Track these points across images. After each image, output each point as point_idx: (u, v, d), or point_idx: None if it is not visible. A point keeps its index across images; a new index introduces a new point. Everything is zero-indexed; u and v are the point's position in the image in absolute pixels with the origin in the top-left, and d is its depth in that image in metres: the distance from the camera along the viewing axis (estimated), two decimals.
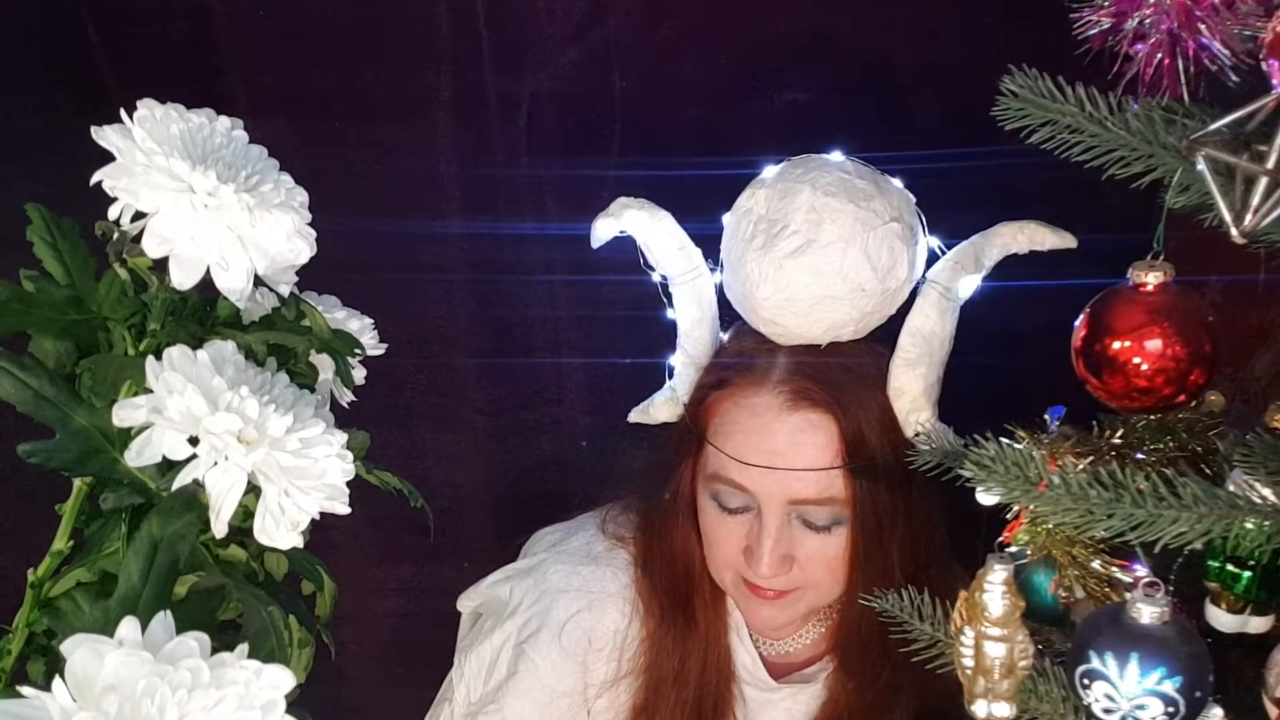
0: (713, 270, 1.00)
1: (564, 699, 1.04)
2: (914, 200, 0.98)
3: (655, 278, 0.99)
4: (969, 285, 0.95)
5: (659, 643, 1.03)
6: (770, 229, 0.92)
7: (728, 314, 1.02)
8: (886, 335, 0.97)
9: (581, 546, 1.08)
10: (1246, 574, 0.82)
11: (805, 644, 1.07)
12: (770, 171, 0.97)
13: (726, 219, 0.99)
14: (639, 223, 0.96)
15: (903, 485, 0.95)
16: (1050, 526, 0.87)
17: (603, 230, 0.98)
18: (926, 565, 0.98)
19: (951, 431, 0.97)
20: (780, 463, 0.93)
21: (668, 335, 1.04)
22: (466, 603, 1.14)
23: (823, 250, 0.91)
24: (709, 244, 1.00)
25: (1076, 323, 0.84)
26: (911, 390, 0.94)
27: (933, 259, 0.97)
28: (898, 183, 0.98)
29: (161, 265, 0.60)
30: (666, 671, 1.02)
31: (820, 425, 0.93)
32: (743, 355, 0.98)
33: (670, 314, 1.00)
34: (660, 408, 1.02)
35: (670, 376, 1.02)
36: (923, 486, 0.95)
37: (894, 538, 0.96)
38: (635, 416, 1.03)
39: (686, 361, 0.99)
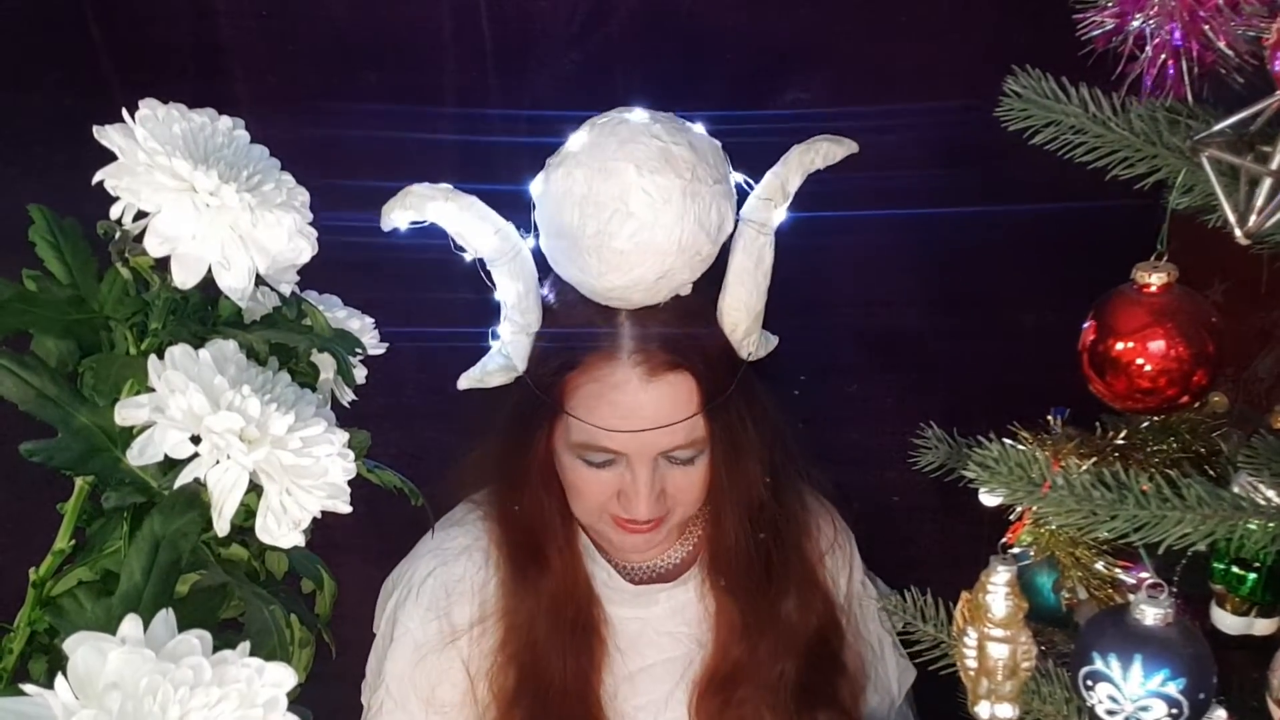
0: (524, 236, 0.99)
1: (432, 653, 1.09)
2: (720, 145, 0.99)
3: (468, 258, 0.97)
4: (779, 216, 0.98)
5: (513, 587, 1.08)
6: (600, 213, 0.93)
7: (542, 269, 1.01)
8: (711, 273, 0.99)
9: (446, 519, 1.14)
10: (1252, 576, 0.82)
11: (675, 563, 1.13)
12: (576, 142, 0.96)
13: (538, 193, 0.98)
14: (447, 214, 0.95)
15: (749, 404, 1.03)
16: (1054, 528, 0.87)
17: (397, 219, 0.95)
18: (782, 465, 1.07)
19: (775, 338, 1.03)
20: (650, 424, 0.98)
21: None
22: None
23: (662, 231, 0.93)
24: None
25: (1084, 324, 0.84)
26: (745, 321, 0.99)
27: (741, 192, 0.99)
28: (699, 128, 0.98)
29: (163, 264, 0.60)
30: (526, 611, 1.08)
31: (679, 384, 0.99)
32: (581, 326, 1.00)
33: (497, 296, 0.99)
34: (495, 374, 1.02)
35: (494, 338, 1.02)
36: (763, 395, 1.04)
37: (750, 450, 1.04)
38: (466, 383, 1.02)
39: (517, 330, 1.00)
